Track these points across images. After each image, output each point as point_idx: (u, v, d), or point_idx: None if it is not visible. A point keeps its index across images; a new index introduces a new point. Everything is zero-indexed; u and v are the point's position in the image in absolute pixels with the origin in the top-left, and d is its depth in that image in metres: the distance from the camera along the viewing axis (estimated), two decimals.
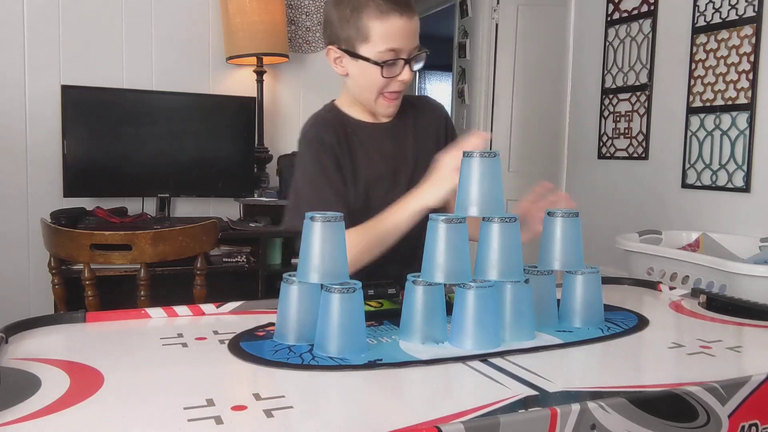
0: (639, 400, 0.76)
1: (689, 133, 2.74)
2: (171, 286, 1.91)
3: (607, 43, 3.20)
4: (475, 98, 4.07)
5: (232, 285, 2.75)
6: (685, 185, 2.77)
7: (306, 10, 3.17)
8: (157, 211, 2.77)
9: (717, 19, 2.61)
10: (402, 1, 1.28)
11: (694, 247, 2.42)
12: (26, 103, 2.69)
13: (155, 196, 2.76)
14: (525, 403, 0.77)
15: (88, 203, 2.68)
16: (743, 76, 2.50)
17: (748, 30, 2.48)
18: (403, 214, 1.25)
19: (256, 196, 2.89)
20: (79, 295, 1.67)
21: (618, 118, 3.14)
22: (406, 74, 1.31)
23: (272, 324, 1.05)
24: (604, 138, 3.23)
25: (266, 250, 2.73)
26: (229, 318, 1.16)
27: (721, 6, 2.59)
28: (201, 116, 2.81)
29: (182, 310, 1.17)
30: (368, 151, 1.38)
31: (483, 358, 0.93)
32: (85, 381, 0.82)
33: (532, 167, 3.88)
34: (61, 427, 0.69)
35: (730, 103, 2.56)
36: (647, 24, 2.96)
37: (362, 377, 0.88)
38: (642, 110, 2.99)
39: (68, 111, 2.58)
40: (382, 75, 1.29)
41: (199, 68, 2.97)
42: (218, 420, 0.70)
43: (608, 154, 3.21)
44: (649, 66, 2.95)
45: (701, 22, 2.68)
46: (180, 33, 2.92)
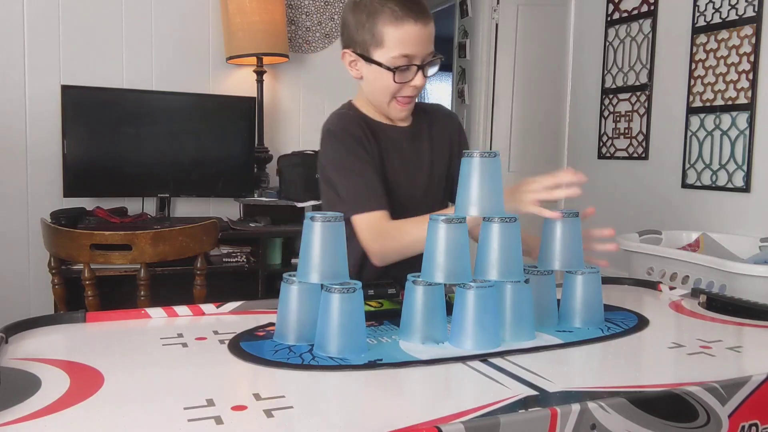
0: (639, 400, 0.76)
1: (689, 133, 2.74)
2: (171, 286, 1.91)
3: (607, 43, 3.20)
4: (475, 98, 4.07)
5: (232, 285, 2.75)
6: (685, 185, 2.77)
7: (306, 10, 3.16)
8: (157, 211, 2.77)
9: (717, 19, 2.61)
10: (417, 8, 1.29)
11: (694, 247, 2.42)
12: (26, 103, 2.69)
13: (155, 196, 2.76)
14: (525, 403, 0.77)
15: (88, 203, 2.68)
16: (743, 76, 2.51)
17: (748, 30, 2.48)
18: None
19: (256, 196, 2.89)
20: (79, 295, 1.67)
21: (618, 118, 3.14)
22: (418, 80, 1.32)
23: (272, 324, 1.05)
24: (604, 138, 3.23)
25: (266, 250, 2.73)
26: (229, 318, 1.16)
27: (721, 6, 2.60)
28: (201, 116, 2.81)
29: (182, 310, 1.17)
30: (388, 151, 1.39)
31: (483, 358, 0.93)
32: (85, 381, 0.82)
33: (532, 167, 3.87)
34: (61, 427, 0.69)
35: (730, 103, 2.56)
36: (647, 24, 2.96)
37: (362, 377, 0.88)
38: (642, 110, 2.99)
39: (68, 111, 2.58)
40: (394, 80, 1.31)
41: (199, 68, 2.97)
42: (218, 420, 0.70)
43: (608, 154, 3.21)
44: (649, 66, 2.95)
45: (701, 22, 2.68)
46: (180, 33, 2.92)
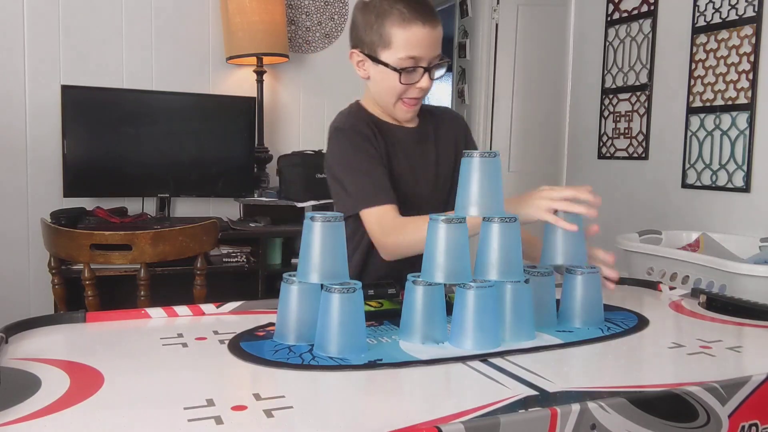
0: (639, 400, 0.76)
1: (689, 133, 2.74)
2: (171, 286, 1.91)
3: (607, 43, 3.20)
4: (475, 98, 4.07)
5: (232, 285, 2.75)
6: (685, 185, 2.76)
7: (306, 10, 3.16)
8: (157, 211, 2.77)
9: (717, 19, 2.61)
10: (425, 11, 1.30)
11: (694, 247, 2.42)
12: (26, 103, 2.69)
13: (155, 196, 2.76)
14: (525, 403, 0.77)
15: (88, 203, 2.68)
16: (743, 76, 2.50)
17: (748, 30, 2.48)
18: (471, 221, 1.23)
19: (256, 196, 2.89)
20: (79, 295, 1.67)
21: (618, 118, 3.14)
22: (424, 82, 1.33)
23: (272, 324, 1.05)
24: (604, 138, 3.23)
25: (266, 250, 2.73)
26: (229, 318, 1.16)
27: (721, 6, 2.59)
28: (201, 116, 2.81)
29: (182, 310, 1.17)
30: (395, 151, 1.40)
31: (483, 358, 0.93)
32: (85, 381, 0.82)
33: (532, 167, 3.87)
34: (61, 427, 0.69)
35: (730, 103, 2.56)
36: (647, 24, 2.96)
37: (362, 377, 0.88)
38: (642, 110, 2.99)
39: (68, 111, 2.58)
40: (400, 81, 1.32)
41: (199, 68, 2.97)
42: (218, 420, 0.70)
43: (608, 154, 3.21)
44: (649, 66, 2.95)
45: (701, 22, 2.68)
46: (180, 33, 2.92)
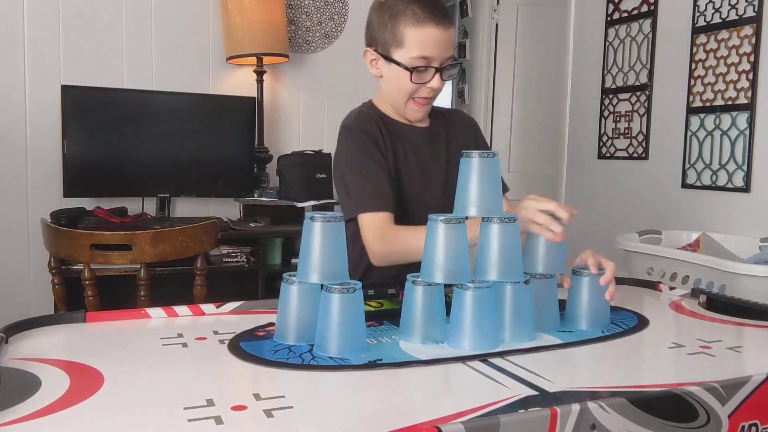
0: (639, 400, 0.76)
1: (689, 133, 2.74)
2: (171, 286, 1.91)
3: (607, 43, 3.20)
4: (475, 98, 4.07)
5: (232, 285, 2.75)
6: (685, 185, 2.77)
7: (306, 10, 3.16)
8: (157, 211, 2.77)
9: (717, 19, 2.61)
10: (439, 12, 1.31)
11: (694, 247, 2.42)
12: (26, 103, 2.69)
13: (155, 196, 2.76)
14: (525, 403, 0.77)
15: (88, 203, 2.68)
16: (743, 76, 2.51)
17: (748, 30, 2.48)
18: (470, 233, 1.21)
19: (256, 196, 2.89)
20: (79, 295, 1.67)
21: (618, 118, 3.14)
22: (435, 82, 1.34)
23: (272, 324, 1.05)
24: (604, 138, 3.23)
25: (266, 250, 2.73)
26: (229, 318, 1.16)
27: (721, 6, 2.60)
28: (201, 116, 2.81)
29: (182, 310, 1.17)
30: (405, 151, 1.41)
31: (483, 358, 0.93)
32: (85, 381, 0.82)
33: (532, 167, 3.88)
34: (61, 427, 0.69)
35: (730, 103, 2.56)
36: (647, 24, 2.96)
37: (362, 377, 0.88)
38: (642, 110, 2.99)
39: (68, 111, 2.58)
40: (411, 80, 1.33)
41: (199, 68, 2.97)
42: (218, 420, 0.70)
43: (608, 154, 3.20)
44: (649, 66, 2.95)
45: (701, 22, 2.68)
46: (180, 33, 2.92)
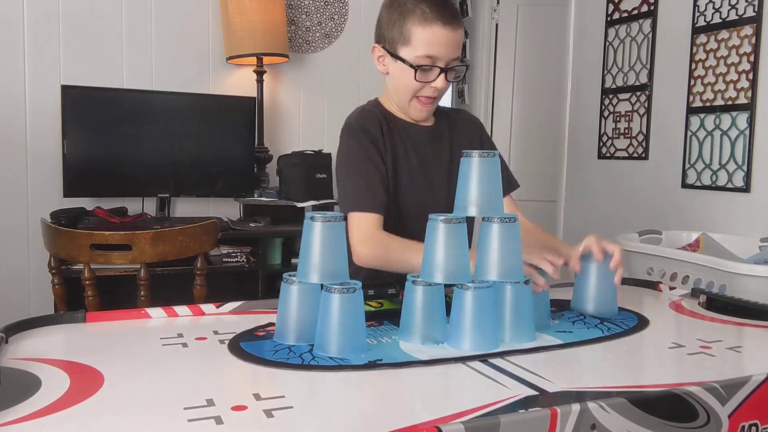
0: (639, 400, 0.76)
1: (689, 133, 2.74)
2: (171, 286, 1.91)
3: (607, 43, 3.19)
4: (475, 98, 4.07)
5: (232, 285, 2.75)
6: (685, 185, 2.76)
7: (306, 10, 3.16)
8: (157, 211, 2.77)
9: (717, 19, 2.61)
10: (448, 12, 1.32)
11: (694, 247, 2.42)
12: (26, 103, 2.69)
13: (155, 196, 2.76)
14: (525, 403, 0.77)
15: (88, 203, 2.68)
16: (743, 76, 2.50)
17: (748, 30, 2.48)
18: None
19: (256, 196, 2.89)
20: (79, 295, 1.67)
21: (618, 118, 3.14)
22: (439, 82, 1.35)
23: (272, 324, 1.05)
24: (604, 138, 3.23)
25: (266, 250, 2.73)
26: (229, 318, 1.16)
27: (721, 6, 2.59)
28: (201, 116, 2.81)
29: (182, 310, 1.18)
30: (407, 149, 1.42)
31: (483, 358, 0.93)
32: (85, 381, 0.82)
33: (532, 167, 3.88)
34: (61, 427, 0.69)
35: (730, 103, 2.56)
36: (647, 24, 2.96)
37: (362, 377, 0.88)
38: (642, 110, 2.99)
39: (68, 111, 2.58)
40: (415, 78, 1.33)
41: (199, 68, 2.97)
42: (218, 420, 0.70)
43: (608, 154, 3.20)
44: (649, 66, 2.95)
45: (701, 22, 2.68)
46: (180, 33, 2.92)
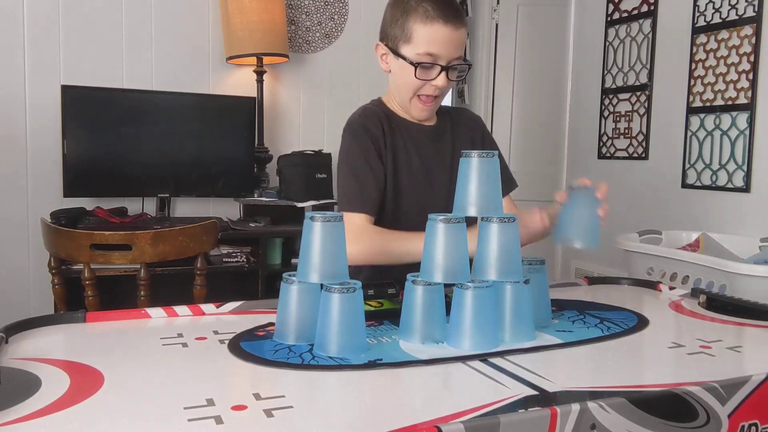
0: (639, 400, 0.76)
1: (689, 133, 2.74)
2: (171, 286, 1.91)
3: (607, 43, 3.20)
4: (475, 98, 4.07)
5: (232, 285, 2.75)
6: (685, 185, 2.76)
7: (306, 10, 3.16)
8: (157, 211, 2.77)
9: (717, 19, 2.61)
10: (451, 11, 1.32)
11: (694, 247, 2.42)
12: (26, 103, 2.69)
13: (155, 196, 2.76)
14: (525, 403, 0.77)
15: (88, 203, 2.68)
16: (743, 76, 2.50)
17: (748, 30, 2.48)
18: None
19: (256, 196, 2.89)
20: (79, 295, 1.67)
21: (618, 118, 3.14)
22: (440, 80, 1.35)
23: (272, 324, 1.05)
24: (604, 138, 3.23)
25: (266, 250, 2.73)
26: (229, 318, 1.16)
27: (721, 6, 2.59)
28: (201, 116, 2.81)
29: (182, 310, 1.17)
30: (408, 148, 1.42)
31: (483, 357, 0.93)
32: (85, 381, 0.82)
33: (532, 167, 3.87)
34: (61, 427, 0.69)
35: (730, 103, 2.56)
36: (647, 24, 2.96)
37: (362, 377, 0.88)
38: (642, 110, 2.99)
39: (68, 111, 2.58)
40: (416, 75, 1.33)
41: (199, 68, 2.97)
42: (218, 420, 0.70)
43: (608, 154, 3.20)
44: (649, 66, 2.95)
45: (701, 22, 2.68)
46: (180, 33, 2.92)
